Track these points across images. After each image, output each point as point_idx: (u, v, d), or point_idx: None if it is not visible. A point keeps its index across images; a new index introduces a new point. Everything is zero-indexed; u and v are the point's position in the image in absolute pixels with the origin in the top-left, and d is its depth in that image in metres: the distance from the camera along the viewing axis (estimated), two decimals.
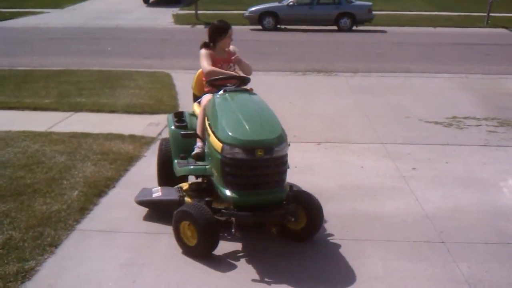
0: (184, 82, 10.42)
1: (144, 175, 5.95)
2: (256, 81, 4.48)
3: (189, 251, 4.20)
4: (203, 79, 5.17)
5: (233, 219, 4.14)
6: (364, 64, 13.41)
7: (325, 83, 11.22)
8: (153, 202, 4.82)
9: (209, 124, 4.44)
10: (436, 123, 8.27)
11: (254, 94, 4.81)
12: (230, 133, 4.08)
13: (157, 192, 4.85)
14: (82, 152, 6.49)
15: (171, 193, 4.76)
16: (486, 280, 3.97)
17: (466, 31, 22.42)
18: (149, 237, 4.56)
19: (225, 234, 4.34)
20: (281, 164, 4.17)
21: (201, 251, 4.14)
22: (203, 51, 5.15)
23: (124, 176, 5.93)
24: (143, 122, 8.10)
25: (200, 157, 4.69)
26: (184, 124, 5.15)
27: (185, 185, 4.99)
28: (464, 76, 12.02)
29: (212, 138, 4.25)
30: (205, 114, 4.69)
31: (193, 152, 4.74)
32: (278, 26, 22.05)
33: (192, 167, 4.65)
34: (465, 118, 8.56)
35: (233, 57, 5.11)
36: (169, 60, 13.83)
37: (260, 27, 21.67)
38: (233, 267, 4.09)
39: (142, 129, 7.66)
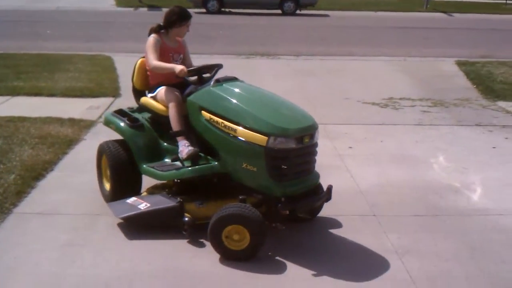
0: (125, 66, 10.25)
1: (83, 158, 5.91)
2: (199, 64, 4.49)
3: (232, 255, 3.91)
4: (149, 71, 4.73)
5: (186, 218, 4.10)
6: (307, 48, 13.61)
7: (268, 66, 11.35)
8: (146, 215, 4.22)
9: (221, 117, 4.05)
10: (373, 104, 8.55)
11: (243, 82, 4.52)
12: (276, 124, 3.87)
13: (142, 203, 4.31)
14: (20, 136, 6.36)
15: (163, 200, 4.30)
16: (414, 250, 4.20)
17: (406, 15, 23.06)
18: (88, 219, 4.56)
19: (184, 233, 4.14)
20: (316, 148, 4.17)
21: (251, 253, 3.90)
22: (152, 39, 4.61)
23: (62, 159, 5.87)
24: (83, 105, 8.00)
25: (196, 156, 4.28)
26: (139, 123, 4.64)
27: (148, 191, 4.67)
28: (402, 59, 12.39)
29: (242, 131, 3.92)
30: (193, 109, 4.27)
31: (186, 153, 4.26)
32: (223, 9, 22.02)
33: (196, 167, 4.20)
34: (400, 99, 8.87)
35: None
36: (111, 43, 13.61)
37: (204, 10, 21.58)
38: (169, 244, 4.17)
39: (81, 113, 7.58)
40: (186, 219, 4.11)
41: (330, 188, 4.34)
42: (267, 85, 4.55)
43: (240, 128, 3.95)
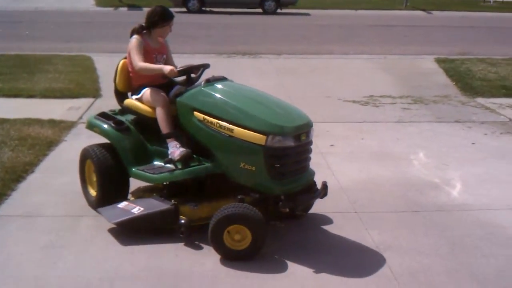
0: (106, 66, 10.22)
1: (64, 159, 5.87)
2: (181, 64, 4.47)
3: (232, 255, 3.90)
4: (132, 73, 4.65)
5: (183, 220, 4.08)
6: (288, 46, 13.64)
7: (250, 65, 11.35)
8: (140, 219, 4.15)
9: (215, 118, 4.01)
10: (354, 102, 8.62)
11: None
12: (274, 122, 3.88)
13: (135, 207, 4.23)
14: None
15: (156, 203, 4.22)
16: (395, 246, 4.24)
17: (386, 13, 23.24)
18: (69, 220, 4.53)
19: (181, 236, 4.10)
20: (311, 146, 4.19)
21: (252, 253, 3.90)
22: (135, 41, 4.51)
23: (43, 161, 5.82)
24: (63, 106, 7.94)
25: (189, 158, 4.21)
26: (124, 125, 4.56)
27: (135, 194, 4.63)
28: (382, 57, 12.49)
29: (239, 131, 3.90)
30: (184, 109, 4.23)
31: (178, 154, 4.19)
32: (203, 8, 21.97)
33: (190, 169, 4.16)
34: (381, 96, 8.95)
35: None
36: (91, 43, 13.49)
37: (184, 9, 21.51)
38: (152, 244, 4.16)
39: (61, 114, 7.52)
40: (183, 221, 4.07)
41: (325, 184, 4.36)
42: (249, 84, 4.55)
43: (237, 128, 3.92)
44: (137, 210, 4.19)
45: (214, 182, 4.30)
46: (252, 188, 4.05)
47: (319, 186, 4.40)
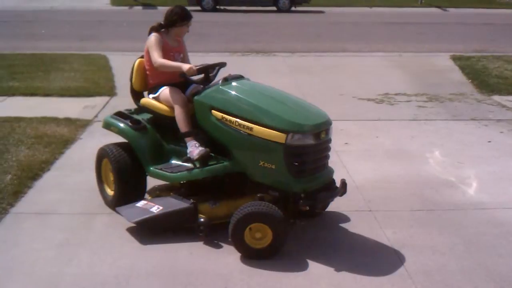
0: (120, 64, 10.32)
1: (80, 157, 5.93)
2: (196, 63, 4.47)
3: (252, 253, 3.91)
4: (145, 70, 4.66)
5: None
6: (302, 44, 13.61)
7: (264, 63, 11.35)
8: (159, 218, 4.14)
9: (234, 116, 4.00)
10: (369, 100, 8.57)
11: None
12: (294, 120, 3.89)
13: (154, 206, 4.24)
14: (16, 136, 6.37)
15: (175, 202, 4.24)
16: (410, 244, 4.21)
17: (400, 11, 23.08)
18: (85, 218, 4.56)
19: (200, 234, 4.10)
20: (330, 144, 4.21)
21: (272, 251, 3.91)
22: (154, 38, 4.51)
23: (59, 159, 5.87)
24: (79, 105, 8.00)
25: (208, 156, 4.21)
26: (142, 124, 4.56)
27: (151, 193, 4.67)
28: (397, 54, 12.40)
29: (259, 129, 3.89)
30: (199, 108, 4.22)
31: (197, 153, 4.18)
32: (217, 7, 21.99)
33: (209, 167, 4.17)
34: (396, 94, 8.89)
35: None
36: (105, 42, 13.58)
37: (199, 7, 21.55)
38: (166, 242, 4.17)
39: (77, 112, 7.58)
40: (202, 220, 4.08)
41: (344, 182, 4.33)
42: (263, 82, 4.54)
43: (256, 126, 3.92)
44: (156, 209, 4.19)
45: (232, 180, 4.30)
46: (271, 186, 4.04)
47: (337, 184, 4.37)
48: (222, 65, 4.57)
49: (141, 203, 4.33)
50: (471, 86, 9.66)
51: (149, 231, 4.24)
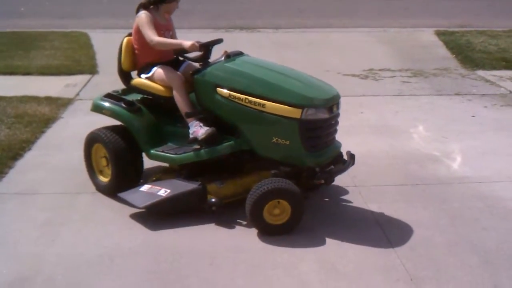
0: (102, 42, 10.17)
1: (61, 136, 5.86)
2: (179, 39, 4.38)
3: (272, 231, 3.89)
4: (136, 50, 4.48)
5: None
6: (286, 20, 13.47)
7: (248, 39, 11.23)
8: (169, 201, 4.01)
9: (243, 93, 3.92)
10: (354, 75, 8.54)
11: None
12: (308, 95, 3.87)
13: (160, 189, 4.09)
14: None
15: (182, 184, 4.11)
16: (395, 219, 4.23)
17: None
18: (67, 197, 4.51)
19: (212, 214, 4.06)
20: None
21: (290, 226, 3.92)
22: (145, 16, 4.30)
23: (40, 138, 5.79)
24: (60, 83, 7.88)
25: (214, 136, 4.07)
26: (136, 106, 4.40)
27: (157, 175, 4.50)
28: (382, 30, 12.34)
29: (272, 106, 3.83)
30: (202, 87, 4.11)
31: (204, 133, 4.05)
32: None
33: (217, 147, 4.06)
34: (380, 70, 8.88)
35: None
36: (86, 19, 13.32)
37: None
38: (150, 220, 4.14)
39: (58, 91, 7.47)
40: (213, 200, 4.02)
41: (352, 154, 4.36)
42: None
43: (269, 103, 3.86)
44: (163, 192, 4.05)
45: (237, 158, 4.23)
46: (283, 162, 4.01)
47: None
48: (220, 41, 4.43)
49: (145, 187, 4.18)
50: (455, 61, 9.66)
51: (132, 209, 4.19)
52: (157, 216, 4.13)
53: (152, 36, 4.24)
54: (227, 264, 3.60)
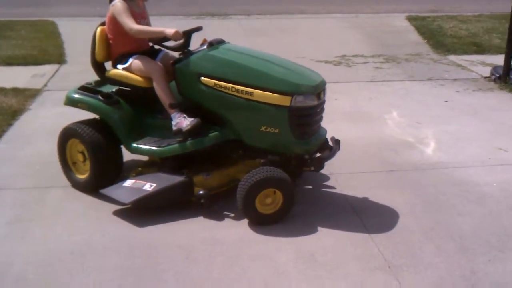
0: (69, 30, 9.92)
1: (30, 128, 5.71)
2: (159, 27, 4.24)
3: (265, 220, 3.86)
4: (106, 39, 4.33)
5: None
6: (257, 7, 13.33)
7: (220, 26, 11.07)
8: (156, 195, 3.89)
9: (230, 82, 3.84)
10: (327, 62, 8.51)
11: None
12: (297, 82, 3.84)
13: (145, 184, 3.96)
14: None
15: (167, 177, 4.00)
16: (371, 206, 4.22)
17: None
18: (37, 192, 4.37)
19: (202, 206, 3.95)
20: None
21: (282, 215, 3.90)
22: (121, 5, 4.14)
23: (8, 131, 5.63)
24: (27, 74, 7.67)
25: (199, 127, 3.96)
26: (114, 98, 4.23)
27: (138, 169, 4.34)
28: (354, 15, 12.32)
29: (260, 94, 3.77)
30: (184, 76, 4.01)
31: (189, 124, 3.94)
32: None
33: (204, 138, 3.96)
34: (353, 56, 8.86)
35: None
36: (53, 7, 12.98)
37: None
38: (123, 214, 4.05)
39: (25, 81, 7.27)
40: (202, 192, 3.93)
41: (337, 139, 4.36)
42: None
43: (257, 91, 3.80)
44: (149, 186, 3.93)
45: (222, 149, 4.15)
46: (271, 151, 3.98)
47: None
48: (200, 28, 4.30)
49: (128, 183, 4.04)
50: (427, 46, 9.71)
51: (103, 204, 4.09)
52: (135, 211, 4.03)
53: (131, 24, 4.09)
54: (204, 257, 3.53)
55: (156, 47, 4.40)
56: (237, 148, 4.11)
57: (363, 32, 10.65)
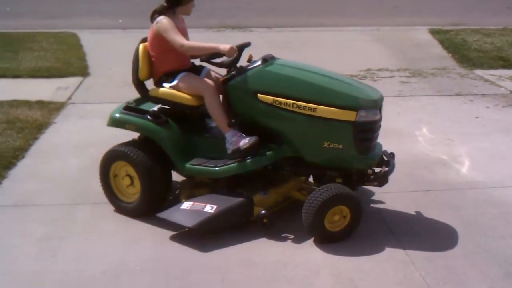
0: (92, 42, 9.92)
1: (55, 142, 5.65)
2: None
3: (331, 238, 3.81)
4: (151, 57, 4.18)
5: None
6: (277, 19, 13.29)
7: (241, 39, 10.93)
8: (218, 216, 3.77)
9: (291, 98, 3.77)
10: (352, 76, 8.36)
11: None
12: (361, 97, 3.82)
13: (205, 206, 3.84)
14: None
15: (227, 198, 3.91)
16: (409, 227, 4.09)
17: None
18: (66, 209, 4.30)
19: (264, 227, 3.88)
20: None
21: (349, 232, 3.86)
22: (167, 21, 3.99)
23: (33, 145, 5.57)
24: (51, 86, 7.62)
25: (257, 145, 3.87)
26: (162, 118, 4.06)
27: (186, 190, 4.26)
28: (375, 28, 12.20)
29: (324, 109, 3.72)
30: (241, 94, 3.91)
31: (247, 143, 3.84)
32: None
33: (264, 156, 3.87)
34: (378, 70, 8.74)
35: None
36: (75, 19, 13.03)
37: None
38: (157, 233, 3.95)
39: (50, 94, 7.22)
40: (263, 211, 3.85)
41: (392, 153, 4.37)
42: (242, 60, 4.21)
43: (321, 107, 3.74)
44: (210, 208, 3.80)
45: (275, 166, 4.06)
46: (331, 167, 3.94)
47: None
48: (249, 44, 4.23)
49: (186, 205, 3.89)
50: (452, 60, 9.55)
51: (135, 222, 4.01)
52: (167, 230, 3.94)
53: (182, 40, 3.96)
54: (240, 280, 3.43)
55: (199, 63, 4.23)
56: (289, 165, 4.05)
57: (386, 45, 10.53)
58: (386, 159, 4.23)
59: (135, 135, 4.33)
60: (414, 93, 7.59)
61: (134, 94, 4.39)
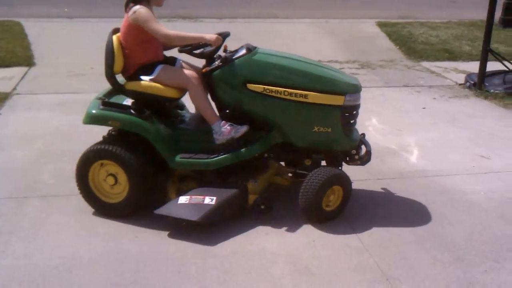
0: (37, 31, 9.59)
1: (1, 135, 5.42)
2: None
3: (327, 217, 3.99)
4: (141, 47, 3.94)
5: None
6: (229, 10, 13.24)
7: (192, 30, 10.84)
8: (219, 208, 3.75)
9: (282, 86, 3.80)
10: None
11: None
12: (348, 82, 4.04)
13: (203, 198, 3.78)
14: None
15: (221, 188, 3.89)
16: (363, 215, 4.16)
17: None
18: (14, 203, 4.15)
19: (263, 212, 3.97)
20: None
21: (340, 211, 4.07)
22: (145, 10, 3.79)
23: None
24: None
25: (247, 134, 3.88)
26: (147, 113, 3.88)
27: (173, 183, 4.10)
28: (324, 21, 12.34)
29: (315, 96, 3.82)
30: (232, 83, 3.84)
31: (238, 132, 3.84)
32: None
33: (256, 145, 3.90)
34: (328, 62, 8.84)
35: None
36: (18, 7, 12.57)
37: None
38: (109, 226, 3.87)
39: None
40: (260, 198, 3.99)
41: (363, 134, 4.54)
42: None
43: (312, 93, 3.86)
44: (209, 200, 3.77)
45: (261, 154, 4.09)
46: (317, 150, 4.11)
47: None
48: (228, 34, 4.15)
49: (183, 199, 3.80)
50: (400, 52, 9.79)
51: (84, 214, 3.93)
52: (119, 221, 3.88)
53: (165, 30, 3.78)
54: (197, 270, 3.40)
55: (182, 53, 4.05)
56: (272, 151, 4.13)
57: (335, 37, 10.67)
58: (362, 140, 4.43)
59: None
60: (364, 84, 7.47)
61: (81, 85, 4.27)
